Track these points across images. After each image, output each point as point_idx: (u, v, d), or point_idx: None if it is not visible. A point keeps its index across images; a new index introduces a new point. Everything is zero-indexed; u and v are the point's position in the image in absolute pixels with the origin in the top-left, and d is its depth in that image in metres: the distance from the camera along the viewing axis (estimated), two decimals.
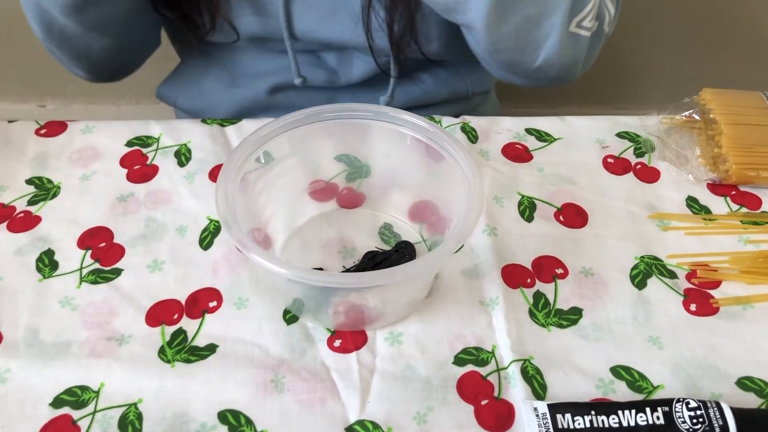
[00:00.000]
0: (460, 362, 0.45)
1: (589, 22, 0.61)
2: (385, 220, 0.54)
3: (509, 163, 0.58)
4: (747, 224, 0.55)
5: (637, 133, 0.62)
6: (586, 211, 0.55)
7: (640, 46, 1.31)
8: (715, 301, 0.49)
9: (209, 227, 0.52)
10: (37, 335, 0.45)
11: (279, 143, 0.49)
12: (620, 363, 0.45)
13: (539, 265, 0.51)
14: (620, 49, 1.31)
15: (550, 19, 0.59)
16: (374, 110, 0.50)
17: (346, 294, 0.45)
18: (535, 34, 0.59)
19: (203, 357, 0.45)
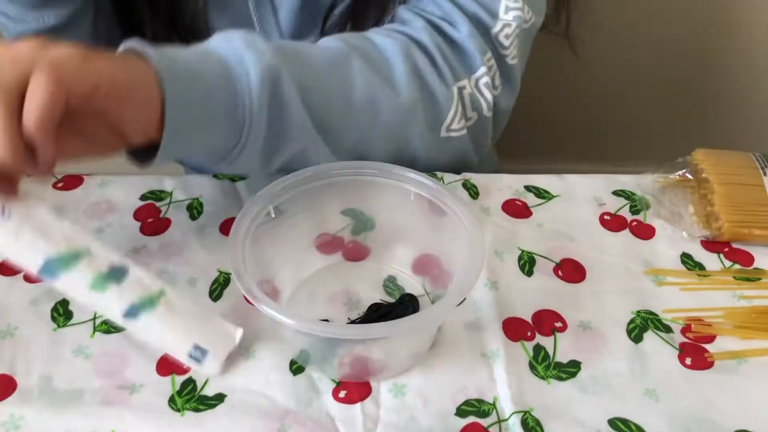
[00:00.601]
0: (462, 414, 0.46)
1: (458, 123, 0.63)
2: (389, 273, 0.55)
3: (509, 219, 0.60)
4: (740, 280, 0.56)
5: (632, 191, 0.64)
6: (584, 267, 0.57)
7: (637, 106, 1.35)
8: (710, 356, 0.50)
9: (219, 279, 0.54)
10: (51, 383, 0.47)
11: (288, 199, 0.51)
12: (618, 415, 0.46)
13: (539, 319, 0.52)
14: (617, 109, 1.35)
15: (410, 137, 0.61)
16: (379, 167, 0.52)
17: (351, 345, 0.47)
18: (404, 152, 0.62)
19: (212, 406, 0.46)
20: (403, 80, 0.59)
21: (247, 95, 0.51)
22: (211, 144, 0.52)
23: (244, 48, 0.51)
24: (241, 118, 0.51)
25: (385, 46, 0.60)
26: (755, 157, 0.63)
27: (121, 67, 0.46)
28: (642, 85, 1.32)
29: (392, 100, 0.58)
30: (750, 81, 1.29)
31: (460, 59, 0.63)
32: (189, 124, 0.49)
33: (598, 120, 1.38)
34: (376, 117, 0.58)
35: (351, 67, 0.57)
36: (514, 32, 0.63)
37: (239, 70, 0.51)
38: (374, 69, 0.58)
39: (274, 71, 0.52)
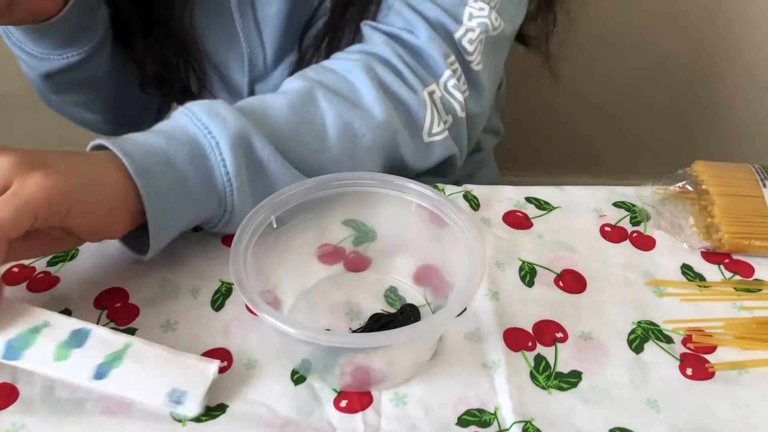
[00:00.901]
0: (463, 423, 0.46)
1: (438, 126, 0.63)
2: (390, 284, 0.56)
3: (510, 230, 0.61)
4: (740, 291, 0.57)
5: (633, 203, 0.65)
6: (584, 278, 0.57)
7: (637, 119, 1.36)
8: (710, 366, 0.50)
9: (221, 289, 0.54)
10: (52, 392, 0.47)
11: (290, 209, 0.52)
12: (619, 425, 0.46)
13: (540, 329, 0.52)
14: (618, 122, 1.36)
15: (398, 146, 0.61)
16: (381, 178, 0.53)
17: (352, 355, 0.47)
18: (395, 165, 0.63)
19: (213, 417, 0.46)
20: (372, 98, 0.60)
21: (222, 166, 0.52)
22: (199, 218, 0.54)
23: (208, 119, 0.52)
24: (222, 188, 0.53)
25: (346, 70, 0.61)
26: (755, 169, 0.63)
27: (92, 182, 0.48)
28: (641, 98, 1.33)
29: (368, 120, 0.59)
30: (749, 93, 1.30)
31: (423, 64, 0.63)
32: (170, 213, 0.51)
33: (598, 133, 1.39)
34: (357, 141, 0.59)
35: (318, 102, 0.58)
36: (479, 38, 0.64)
37: (208, 144, 0.52)
38: (341, 96, 0.59)
39: (243, 134, 0.53)
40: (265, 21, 0.71)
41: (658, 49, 1.24)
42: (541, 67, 0.81)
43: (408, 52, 0.63)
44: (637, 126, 1.37)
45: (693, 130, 1.36)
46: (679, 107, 1.33)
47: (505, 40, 0.68)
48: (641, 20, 1.21)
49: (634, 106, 1.34)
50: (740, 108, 1.32)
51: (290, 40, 0.72)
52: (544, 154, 1.40)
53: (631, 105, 1.33)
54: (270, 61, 0.74)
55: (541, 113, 1.34)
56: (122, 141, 0.51)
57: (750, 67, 1.26)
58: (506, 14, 0.66)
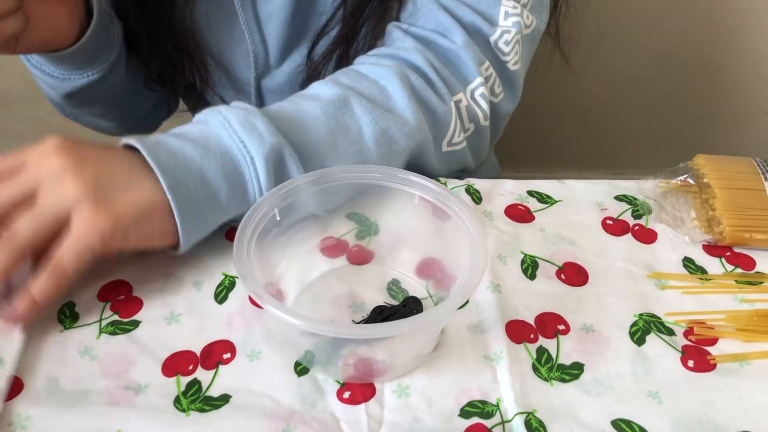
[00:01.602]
0: (465, 415, 0.46)
1: (459, 136, 0.64)
2: (393, 276, 0.56)
3: (512, 224, 0.61)
4: (742, 284, 0.57)
5: (634, 196, 0.65)
6: (586, 270, 0.57)
7: (637, 114, 1.36)
8: (712, 358, 0.51)
9: (224, 282, 0.55)
10: (57, 384, 0.47)
11: (293, 202, 0.52)
12: (621, 417, 0.47)
13: (542, 322, 0.53)
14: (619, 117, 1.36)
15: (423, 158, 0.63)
16: (384, 171, 0.53)
17: (355, 346, 0.47)
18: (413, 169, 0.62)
19: (217, 407, 0.46)
20: (405, 105, 0.60)
21: (255, 182, 0.53)
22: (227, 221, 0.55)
23: (245, 133, 0.53)
24: (253, 201, 0.54)
25: (379, 75, 0.60)
26: (756, 162, 0.63)
27: (139, 211, 0.50)
28: (642, 94, 1.33)
29: (402, 126, 0.59)
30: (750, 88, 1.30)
31: (455, 71, 0.63)
32: (200, 225, 0.53)
33: (599, 128, 1.39)
34: (393, 146, 0.59)
35: (353, 109, 0.58)
36: (515, 38, 0.64)
37: (243, 160, 0.53)
38: (376, 103, 0.59)
39: (277, 151, 0.53)
40: (267, 16, 0.71)
41: (659, 43, 1.24)
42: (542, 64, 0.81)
43: (440, 58, 0.63)
44: (638, 122, 1.37)
45: (694, 125, 1.36)
46: (681, 102, 1.33)
47: (537, 36, 0.68)
48: (642, 15, 1.21)
49: (635, 102, 1.34)
50: (742, 103, 1.32)
51: (295, 35, 0.72)
52: (544, 149, 1.40)
53: (632, 100, 1.33)
54: (276, 56, 0.74)
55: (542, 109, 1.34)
56: (158, 150, 0.51)
57: (751, 62, 1.26)
58: (536, 10, 0.66)
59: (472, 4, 0.63)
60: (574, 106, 1.35)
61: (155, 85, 0.78)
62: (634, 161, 1.26)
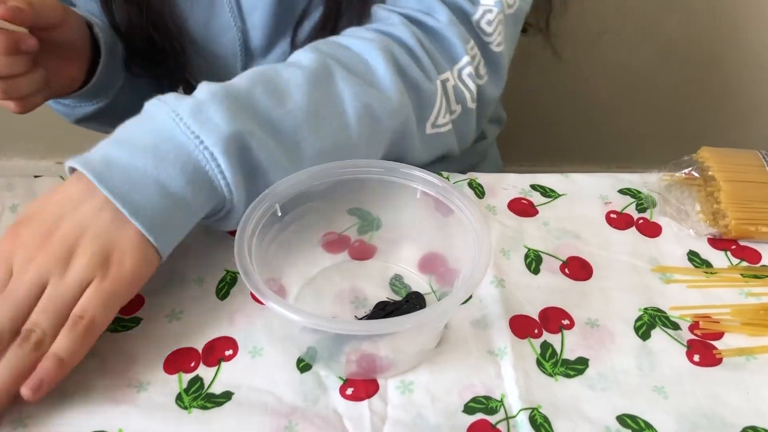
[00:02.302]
0: (469, 411, 0.46)
1: (444, 117, 0.61)
2: (395, 272, 0.55)
3: (515, 218, 0.61)
4: (748, 277, 0.56)
5: (638, 189, 0.64)
6: (590, 265, 0.57)
7: (641, 107, 1.35)
8: (718, 352, 0.50)
9: (226, 278, 0.54)
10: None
11: (294, 197, 0.51)
12: (626, 412, 0.46)
13: (546, 316, 0.52)
14: (622, 111, 1.35)
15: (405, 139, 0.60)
16: (385, 166, 0.52)
17: (358, 342, 0.47)
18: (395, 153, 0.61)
19: (219, 404, 0.46)
20: (389, 81, 0.57)
21: (220, 177, 0.50)
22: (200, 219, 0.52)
23: (197, 126, 0.49)
24: (221, 194, 0.51)
25: (361, 49, 0.57)
26: (761, 155, 0.63)
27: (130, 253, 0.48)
28: (646, 87, 1.32)
29: (386, 104, 0.56)
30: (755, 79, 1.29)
31: (441, 49, 0.60)
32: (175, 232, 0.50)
33: (603, 123, 1.38)
34: (375, 125, 0.56)
35: (335, 80, 0.55)
36: (497, 18, 0.61)
37: (202, 156, 0.49)
38: (358, 76, 0.56)
39: (238, 140, 0.49)
40: (251, 3, 0.69)
41: (663, 36, 1.24)
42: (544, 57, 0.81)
43: (427, 35, 0.60)
44: (643, 115, 1.36)
45: (698, 119, 1.35)
46: (685, 96, 1.32)
47: (521, 17, 0.65)
48: (645, 8, 1.20)
49: (638, 95, 1.33)
50: (746, 96, 1.31)
51: (281, 22, 0.69)
52: (547, 144, 1.40)
53: (635, 94, 1.33)
54: (261, 44, 0.71)
55: (544, 103, 1.34)
56: (110, 173, 0.47)
57: (755, 54, 1.25)
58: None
59: None
60: (578, 101, 1.35)
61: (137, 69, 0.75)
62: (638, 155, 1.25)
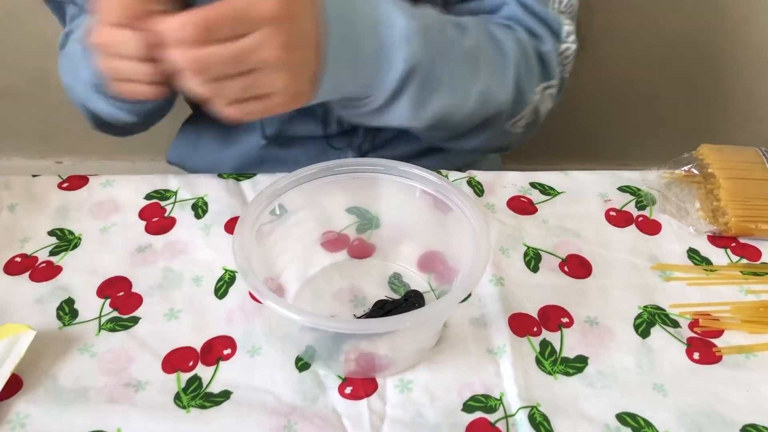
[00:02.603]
0: (468, 409, 0.46)
1: (521, 122, 0.65)
2: (394, 270, 0.55)
3: (515, 216, 0.60)
4: (747, 275, 0.56)
5: (638, 187, 0.64)
6: (590, 262, 0.56)
7: (641, 105, 1.35)
8: (717, 350, 0.50)
9: (224, 277, 0.54)
10: (57, 381, 0.47)
11: (293, 196, 0.51)
12: (626, 410, 0.46)
13: (545, 314, 0.52)
14: (621, 109, 1.35)
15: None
16: (384, 164, 0.52)
17: (357, 341, 0.47)
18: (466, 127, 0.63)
19: (218, 403, 0.46)
20: (511, 74, 0.62)
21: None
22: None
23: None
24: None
25: (504, 38, 0.62)
26: (761, 152, 0.63)
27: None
28: (646, 85, 1.32)
29: (500, 95, 0.61)
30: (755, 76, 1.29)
31: (543, 70, 0.66)
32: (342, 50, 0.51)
33: (602, 120, 1.38)
34: (485, 107, 0.61)
35: (491, 47, 0.60)
36: (572, 55, 0.67)
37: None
38: (495, 64, 0.61)
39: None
40: None
41: (663, 34, 1.23)
42: None
43: (537, 55, 0.65)
44: (642, 113, 1.36)
45: (698, 117, 1.34)
46: (684, 93, 1.32)
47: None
48: (644, 5, 1.20)
49: (638, 93, 1.32)
50: (747, 93, 1.31)
51: None
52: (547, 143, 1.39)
53: (635, 91, 1.32)
54: None
55: None
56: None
57: (755, 51, 1.25)
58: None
59: (547, 17, 0.66)
60: (577, 98, 1.34)
61: None
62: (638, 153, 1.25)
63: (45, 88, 1.23)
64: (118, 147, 1.37)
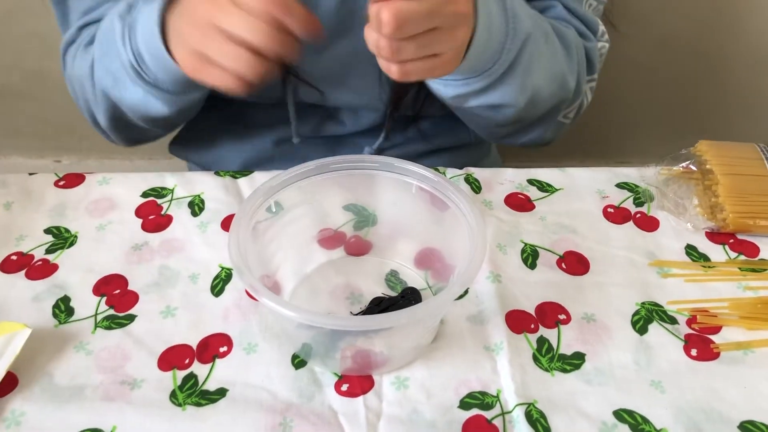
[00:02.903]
0: (465, 406, 0.46)
1: (571, 114, 0.69)
2: (391, 267, 0.55)
3: (512, 213, 0.60)
4: (745, 271, 0.56)
5: (636, 183, 0.64)
6: (587, 259, 0.56)
7: (639, 101, 1.34)
8: (715, 346, 0.50)
9: (221, 275, 0.54)
10: (52, 379, 0.46)
11: (289, 193, 0.51)
12: (623, 407, 0.46)
13: (542, 311, 0.52)
14: (620, 106, 1.35)
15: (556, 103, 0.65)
16: (381, 161, 0.52)
17: (353, 338, 0.46)
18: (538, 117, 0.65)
19: (213, 401, 0.46)
20: (572, 71, 0.65)
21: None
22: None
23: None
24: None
25: (568, 38, 0.65)
26: (759, 148, 0.62)
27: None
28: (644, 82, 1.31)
29: (565, 84, 0.64)
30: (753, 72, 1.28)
31: (588, 66, 0.68)
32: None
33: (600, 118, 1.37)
34: (560, 93, 0.64)
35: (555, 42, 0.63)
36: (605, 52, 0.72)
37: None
38: (560, 55, 0.63)
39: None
40: None
41: (662, 30, 1.23)
42: None
43: (585, 52, 0.68)
44: (640, 109, 1.36)
45: (696, 113, 1.34)
46: (682, 90, 1.32)
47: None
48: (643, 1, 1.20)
49: (636, 89, 1.32)
50: (746, 90, 1.31)
51: None
52: None
53: (634, 88, 1.32)
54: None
55: None
56: None
57: (753, 48, 1.25)
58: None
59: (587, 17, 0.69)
60: None
61: None
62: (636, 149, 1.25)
63: (44, 87, 1.23)
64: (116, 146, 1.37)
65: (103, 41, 0.59)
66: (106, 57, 0.59)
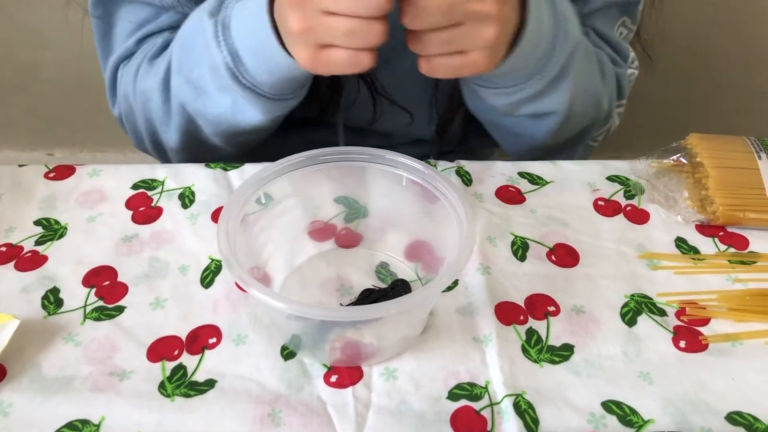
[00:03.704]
0: (453, 397, 0.46)
1: (600, 137, 0.71)
2: (381, 260, 0.55)
3: (503, 205, 0.60)
4: (735, 264, 0.56)
5: (626, 176, 0.64)
6: (577, 252, 0.56)
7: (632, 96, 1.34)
8: (704, 338, 0.50)
9: (210, 266, 0.54)
10: (40, 370, 0.46)
11: (279, 185, 0.51)
12: (611, 398, 0.46)
13: (532, 303, 0.52)
14: None
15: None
16: (371, 153, 0.52)
17: (342, 330, 0.46)
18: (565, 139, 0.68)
19: (202, 392, 0.46)
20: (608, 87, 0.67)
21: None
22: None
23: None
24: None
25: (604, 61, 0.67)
26: (750, 141, 0.63)
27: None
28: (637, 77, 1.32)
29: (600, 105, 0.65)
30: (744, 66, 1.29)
31: (618, 91, 0.70)
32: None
33: None
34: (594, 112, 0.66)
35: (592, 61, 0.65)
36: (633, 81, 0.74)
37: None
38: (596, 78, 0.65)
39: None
40: None
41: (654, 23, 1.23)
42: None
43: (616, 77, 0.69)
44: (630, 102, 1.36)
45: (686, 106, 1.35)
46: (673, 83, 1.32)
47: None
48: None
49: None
50: (738, 84, 1.31)
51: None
52: None
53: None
54: None
55: None
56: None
57: (748, 42, 1.25)
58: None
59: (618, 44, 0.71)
60: None
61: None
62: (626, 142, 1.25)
63: (37, 80, 1.22)
64: (110, 139, 1.36)
65: (185, 47, 0.57)
66: (186, 65, 0.57)
